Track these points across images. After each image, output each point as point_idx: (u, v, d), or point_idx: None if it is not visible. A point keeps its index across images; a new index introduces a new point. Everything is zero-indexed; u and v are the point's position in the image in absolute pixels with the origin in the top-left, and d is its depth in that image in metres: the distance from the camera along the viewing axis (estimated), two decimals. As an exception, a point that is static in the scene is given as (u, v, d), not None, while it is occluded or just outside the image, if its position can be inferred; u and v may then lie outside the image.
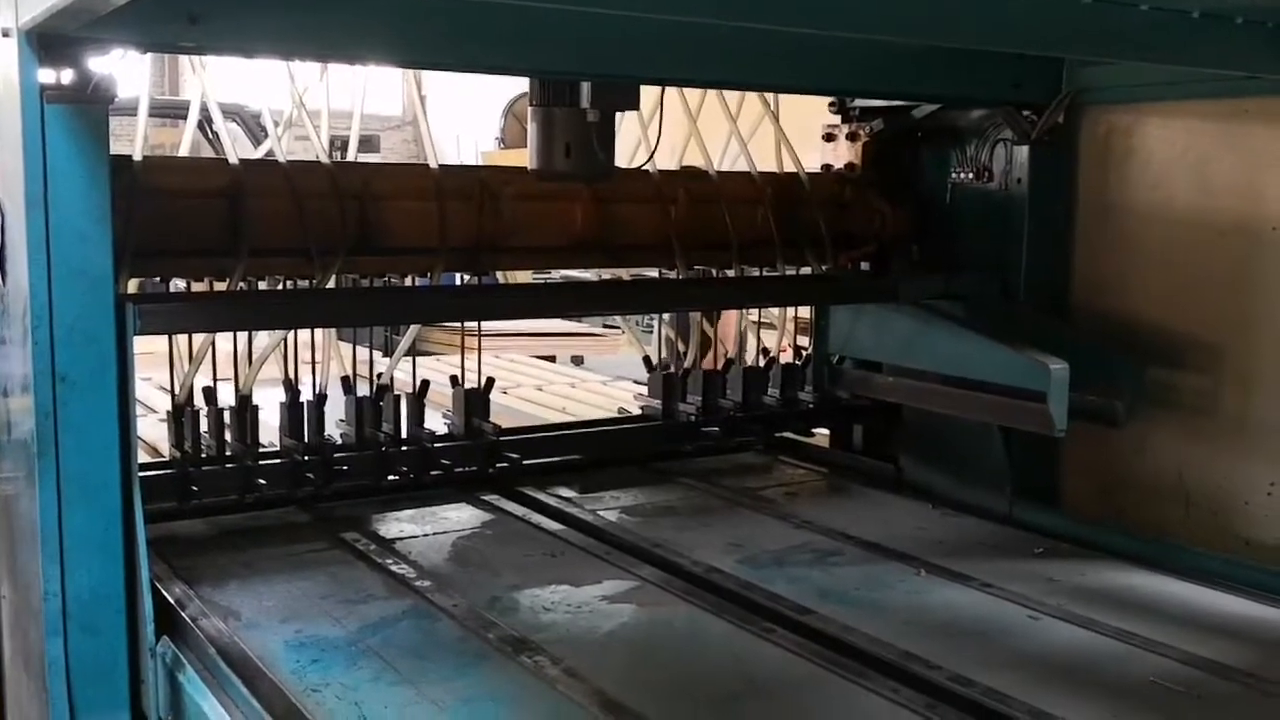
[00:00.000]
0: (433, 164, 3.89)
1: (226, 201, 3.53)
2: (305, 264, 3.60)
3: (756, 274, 4.40)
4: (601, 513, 4.08)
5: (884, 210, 4.63)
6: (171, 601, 3.09)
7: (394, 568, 3.51)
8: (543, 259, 4.68)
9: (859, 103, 4.76)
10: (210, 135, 5.68)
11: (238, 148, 3.68)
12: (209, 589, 3.30)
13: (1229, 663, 3.02)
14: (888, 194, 4.65)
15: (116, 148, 2.98)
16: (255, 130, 8.96)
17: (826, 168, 4.75)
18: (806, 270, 4.49)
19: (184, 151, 3.84)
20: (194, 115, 3.74)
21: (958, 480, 4.46)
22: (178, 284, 3.63)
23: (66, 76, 2.79)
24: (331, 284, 3.65)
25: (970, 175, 4.54)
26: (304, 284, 3.65)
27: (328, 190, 3.66)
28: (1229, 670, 2.98)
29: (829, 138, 4.81)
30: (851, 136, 4.76)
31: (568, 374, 6.30)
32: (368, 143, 17.95)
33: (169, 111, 9.27)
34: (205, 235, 3.51)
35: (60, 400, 2.84)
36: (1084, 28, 2.87)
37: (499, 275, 4.32)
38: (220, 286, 3.55)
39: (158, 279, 3.57)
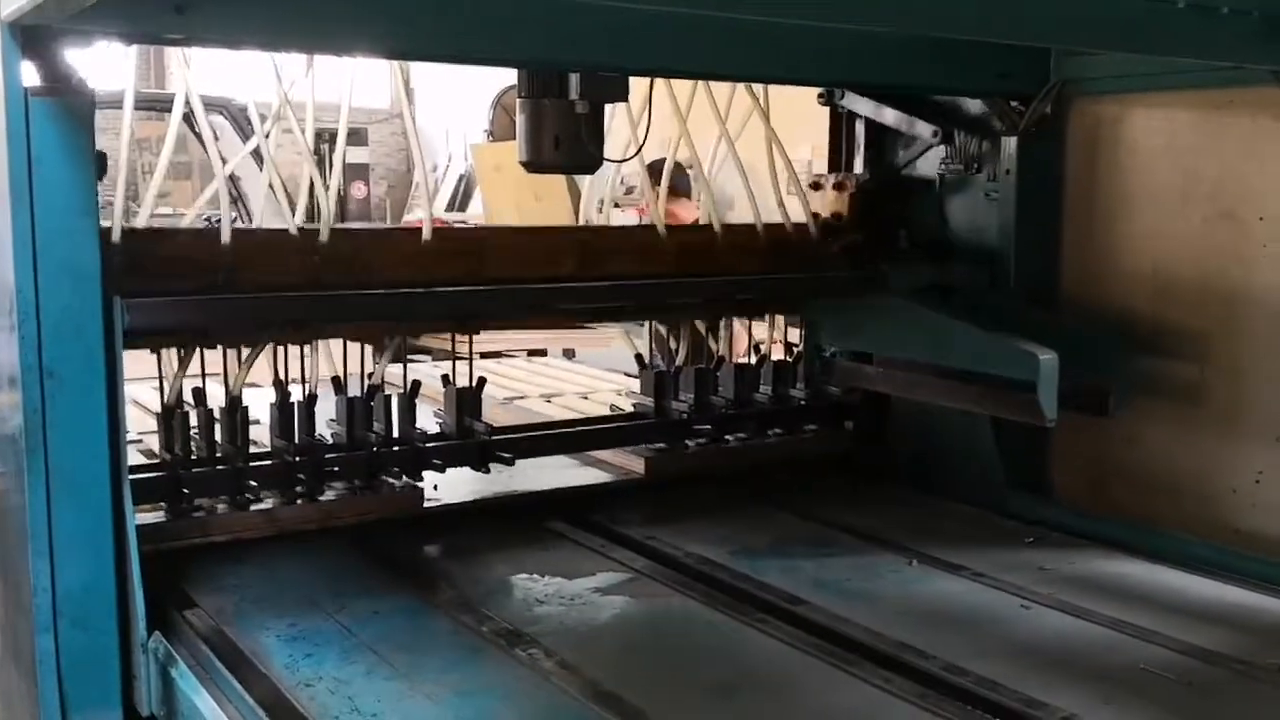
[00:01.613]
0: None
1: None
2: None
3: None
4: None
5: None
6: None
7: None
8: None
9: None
10: (196, 129, 5.66)
11: (224, 141, 3.67)
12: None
13: (1219, 650, 3.03)
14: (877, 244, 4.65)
15: (101, 141, 2.96)
16: (242, 123, 8.93)
17: (815, 216, 4.69)
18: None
19: (169, 145, 3.81)
20: (179, 108, 3.72)
21: (948, 470, 4.46)
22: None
23: (50, 70, 2.78)
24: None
25: (959, 166, 4.54)
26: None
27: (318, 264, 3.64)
28: (1219, 657, 2.99)
29: (816, 186, 4.80)
30: (838, 187, 4.77)
31: (575, 379, 6.22)
32: (355, 136, 17.93)
33: (155, 105, 9.23)
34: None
35: (48, 396, 2.83)
36: (1071, 18, 2.88)
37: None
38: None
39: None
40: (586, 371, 5.84)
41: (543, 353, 9.94)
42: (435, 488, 4.03)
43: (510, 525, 3.98)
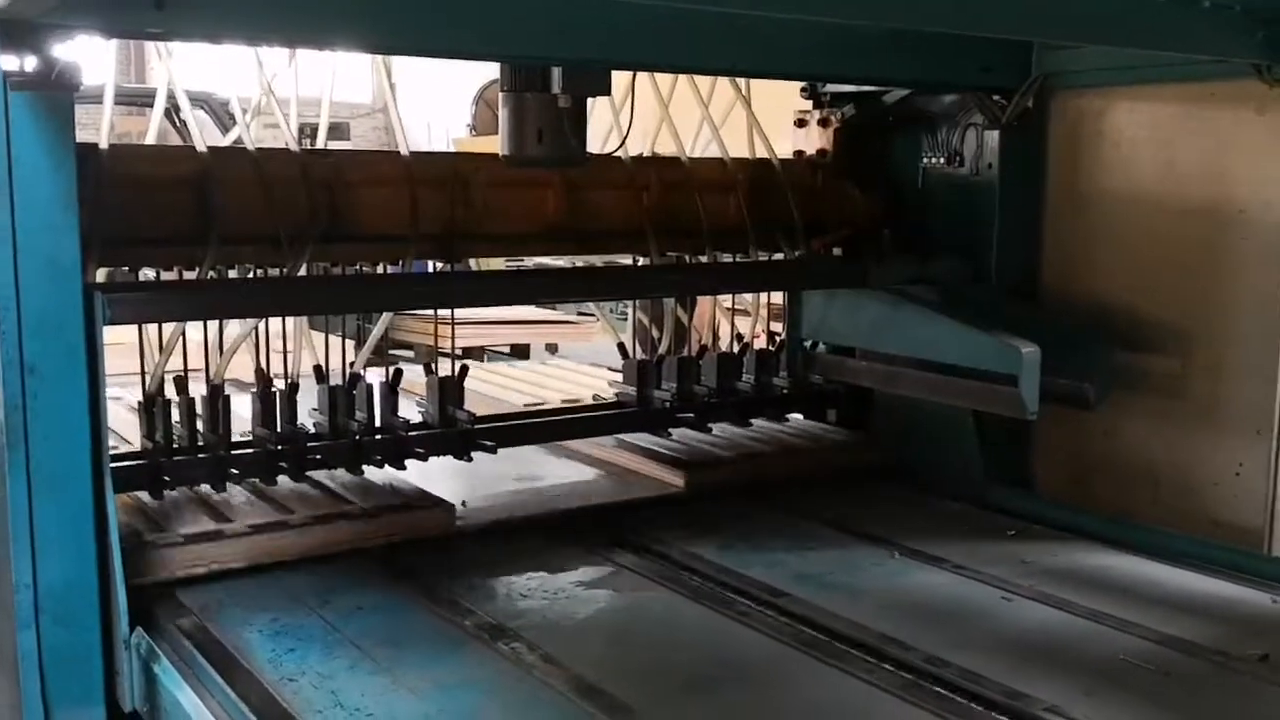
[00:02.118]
0: (404, 151, 3.87)
1: (195, 190, 3.51)
2: (275, 252, 3.58)
3: (729, 260, 4.40)
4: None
5: (855, 196, 4.64)
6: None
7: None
8: (515, 246, 4.65)
9: (830, 88, 4.77)
10: (178, 123, 5.65)
11: (206, 136, 3.66)
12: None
13: (1198, 641, 3.04)
14: (859, 180, 4.66)
15: (82, 137, 2.96)
16: (224, 118, 8.90)
17: (799, 154, 4.75)
18: (779, 256, 4.49)
19: (151, 140, 3.81)
20: (161, 103, 3.71)
21: (930, 464, 4.47)
22: (147, 274, 3.60)
23: (30, 63, 2.77)
24: (302, 272, 3.63)
25: (941, 160, 4.55)
26: (274, 273, 3.63)
27: (297, 177, 3.64)
28: (1198, 648, 3.01)
29: (800, 123, 4.82)
30: (823, 122, 4.77)
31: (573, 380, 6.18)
32: (337, 130, 17.77)
33: (135, 99, 9.20)
34: (174, 224, 3.48)
35: (29, 392, 2.82)
36: (1052, 11, 2.89)
37: (471, 263, 4.31)
38: (190, 276, 3.52)
39: (126, 269, 3.55)
40: (576, 368, 5.74)
41: (525, 349, 9.94)
42: (464, 504, 3.92)
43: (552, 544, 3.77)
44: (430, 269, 4.13)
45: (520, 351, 9.92)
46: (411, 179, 3.82)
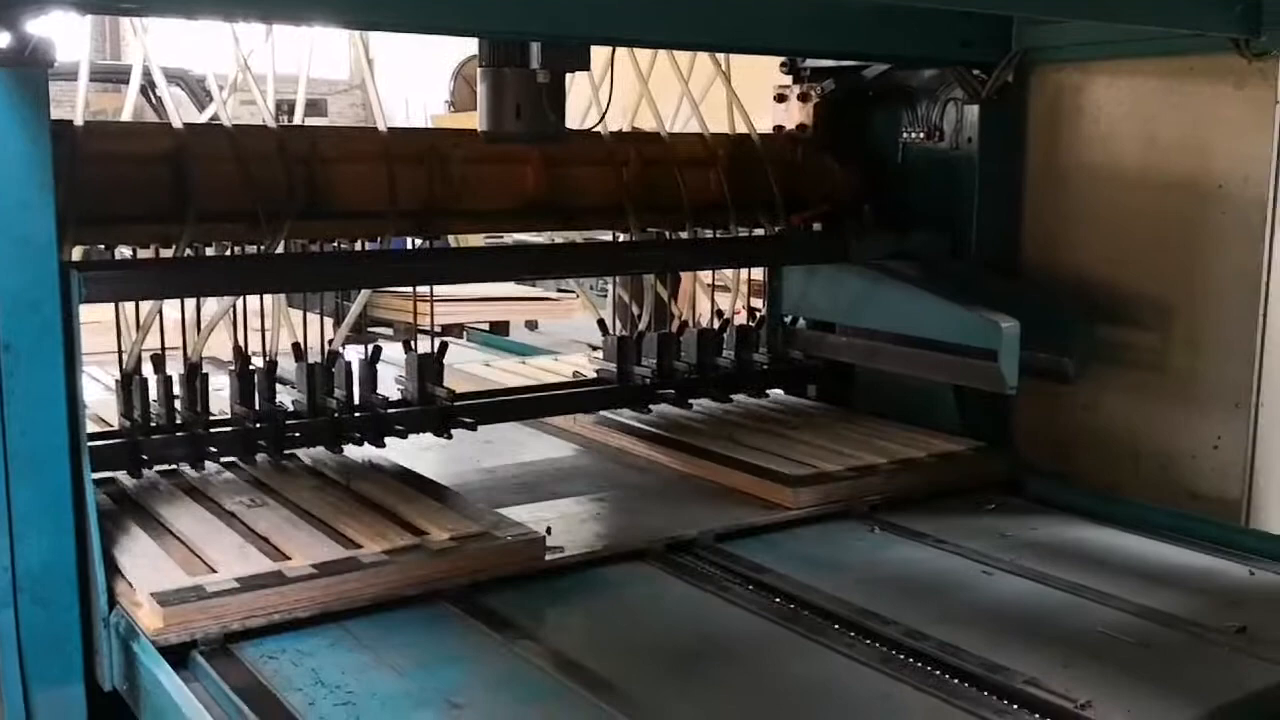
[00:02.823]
0: (381, 127, 3.85)
1: (171, 166, 3.49)
2: (253, 229, 3.56)
3: (709, 236, 4.40)
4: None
5: (835, 171, 4.64)
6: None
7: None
8: (494, 222, 4.65)
9: (810, 63, 4.76)
10: (153, 100, 5.61)
11: (182, 112, 3.63)
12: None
13: (1176, 613, 3.06)
14: (839, 154, 4.66)
15: (57, 114, 2.93)
16: (200, 95, 8.85)
17: (778, 128, 4.75)
18: (759, 232, 4.49)
19: (126, 117, 3.78)
20: (136, 79, 3.68)
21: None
22: (123, 252, 3.58)
23: (4, 40, 2.74)
24: (280, 249, 3.62)
25: (921, 135, 4.55)
26: (252, 250, 3.62)
27: (274, 153, 3.62)
28: (1176, 620, 3.03)
29: (780, 98, 4.81)
30: (803, 97, 4.76)
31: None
32: (315, 107, 17.69)
33: (111, 76, 9.14)
34: (150, 201, 3.46)
35: (5, 370, 2.80)
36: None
37: (450, 239, 4.29)
38: (166, 254, 3.50)
39: (103, 247, 3.53)
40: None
41: (505, 325, 9.92)
42: (549, 531, 3.45)
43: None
44: (409, 246, 4.11)
45: (500, 328, 9.90)
46: (389, 155, 3.81)
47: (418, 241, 4.03)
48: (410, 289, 4.22)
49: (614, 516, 3.80)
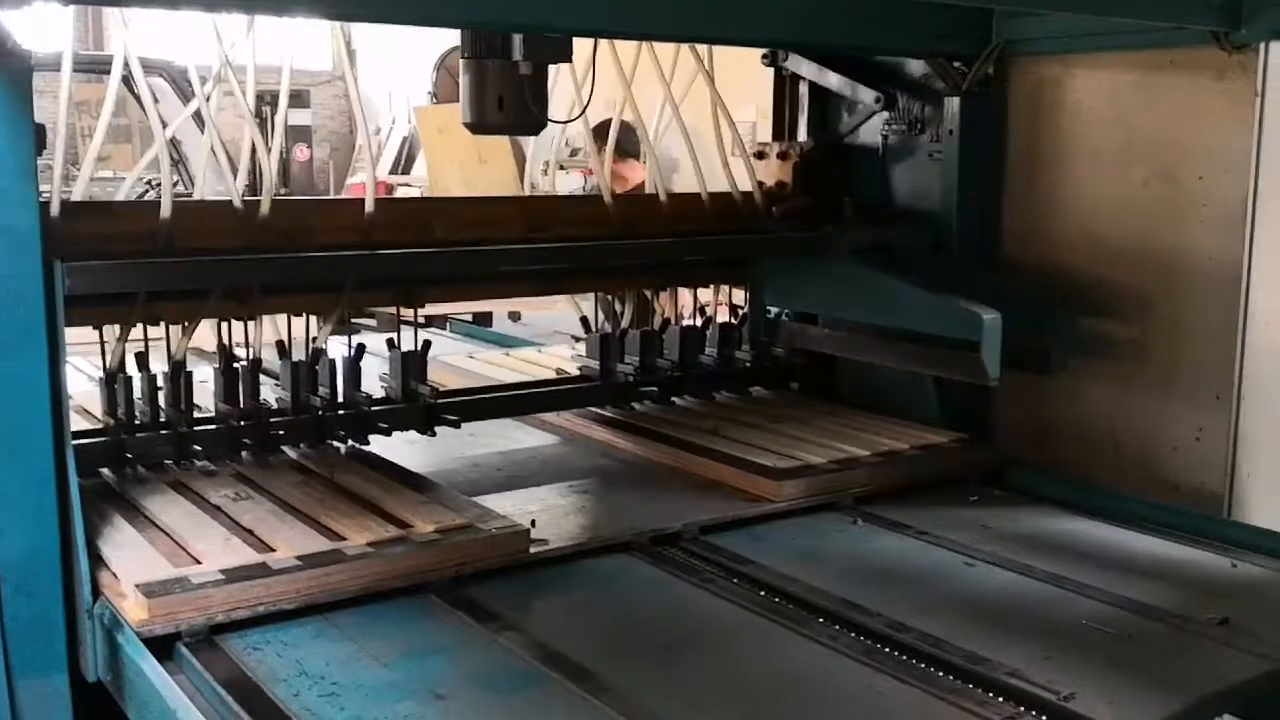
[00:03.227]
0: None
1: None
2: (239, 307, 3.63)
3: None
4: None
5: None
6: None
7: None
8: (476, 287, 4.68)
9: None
10: (135, 91, 5.58)
11: (165, 104, 3.62)
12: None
13: (1159, 605, 3.08)
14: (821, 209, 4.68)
15: (39, 103, 2.92)
16: (183, 86, 8.81)
17: (760, 185, 4.71)
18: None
19: (108, 108, 3.76)
20: (118, 70, 3.67)
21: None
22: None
23: (-14, 30, 2.73)
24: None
25: (903, 127, 4.56)
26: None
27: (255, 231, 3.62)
28: (1159, 611, 3.04)
29: (760, 155, 4.83)
30: (782, 156, 4.79)
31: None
32: (298, 98, 17.73)
33: (93, 67, 9.10)
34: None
35: (-12, 361, 2.79)
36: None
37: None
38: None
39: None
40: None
41: (488, 316, 9.89)
42: (534, 524, 3.44)
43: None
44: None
45: (483, 319, 9.88)
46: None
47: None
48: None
49: (598, 508, 3.80)
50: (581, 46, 3.96)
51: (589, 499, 3.87)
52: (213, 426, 3.73)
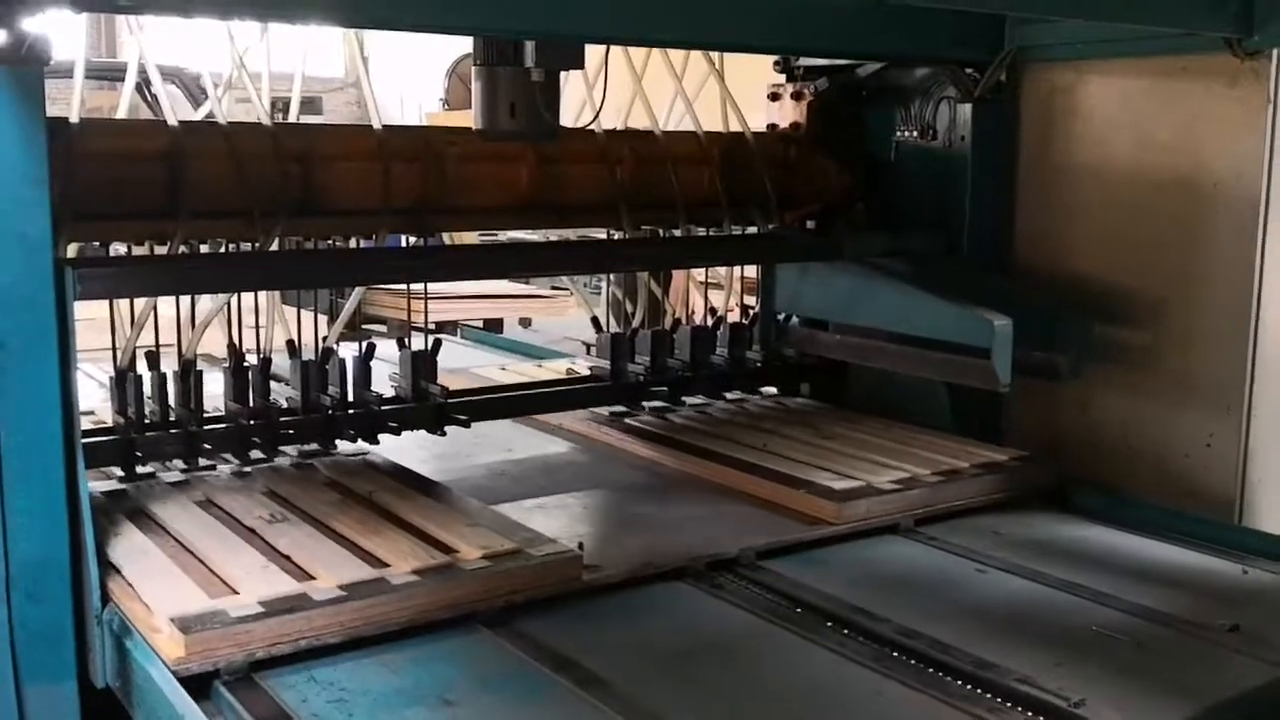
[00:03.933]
0: (376, 125, 3.86)
1: (165, 164, 3.49)
2: (247, 227, 3.56)
3: (703, 234, 4.40)
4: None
5: (829, 169, 4.65)
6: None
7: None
8: (488, 220, 4.65)
9: (803, 62, 4.77)
10: (149, 98, 5.60)
11: (177, 110, 3.63)
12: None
13: (1170, 611, 3.06)
14: (833, 152, 4.67)
15: (53, 112, 2.93)
16: (195, 92, 8.84)
17: (772, 127, 4.75)
18: (753, 229, 4.50)
19: (122, 114, 3.78)
20: (132, 77, 3.68)
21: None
22: (118, 249, 3.58)
23: (0, 38, 2.74)
24: (274, 247, 3.62)
25: (915, 133, 4.56)
26: (246, 248, 3.62)
27: (269, 152, 3.62)
28: (1170, 619, 3.03)
29: (774, 97, 4.82)
30: (796, 96, 4.77)
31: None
32: (310, 105, 17.73)
33: (106, 74, 9.13)
34: (145, 199, 3.47)
35: (-1, 367, 2.80)
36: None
37: (444, 237, 4.30)
38: (161, 250, 3.50)
39: (97, 244, 3.53)
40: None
41: (499, 323, 9.91)
42: (582, 546, 3.26)
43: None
44: (404, 244, 4.11)
45: (494, 325, 9.90)
46: (384, 153, 3.81)
47: (412, 240, 4.03)
48: (404, 286, 4.22)
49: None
50: (593, 50, 3.96)
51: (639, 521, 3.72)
52: (222, 426, 3.72)
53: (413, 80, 17.44)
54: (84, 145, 3.34)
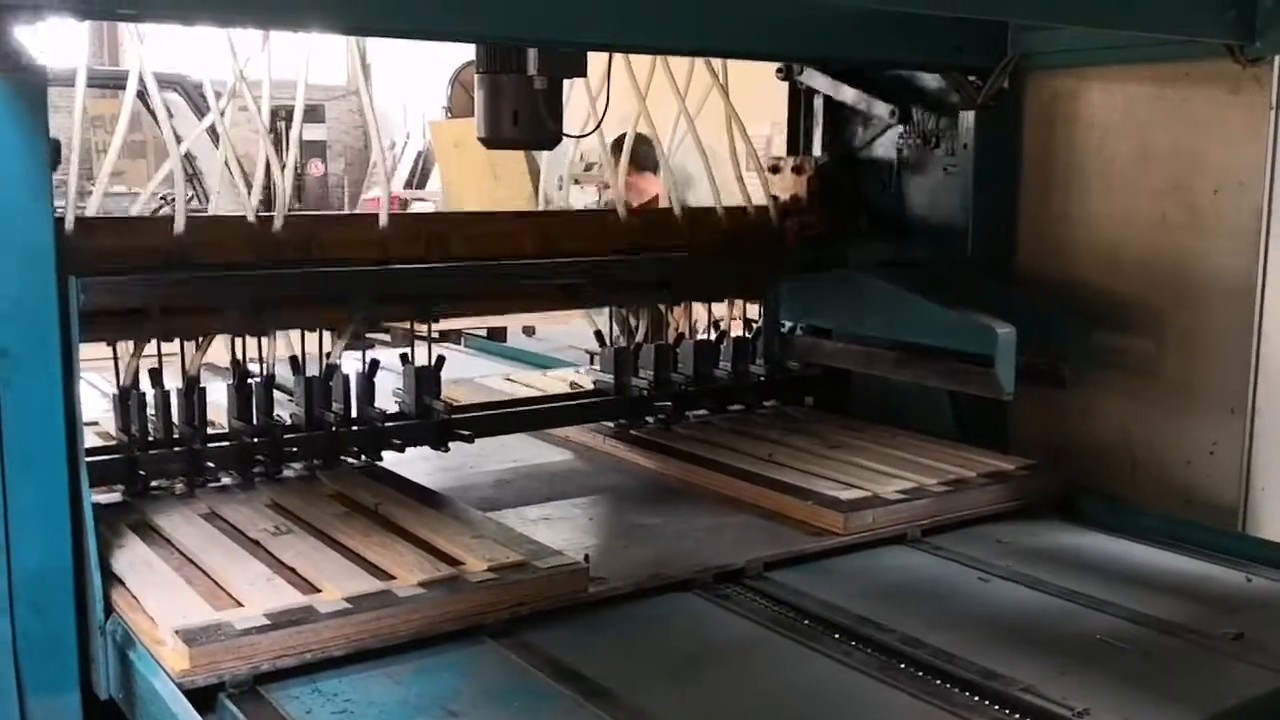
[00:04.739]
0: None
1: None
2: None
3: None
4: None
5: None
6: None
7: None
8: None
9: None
10: (150, 106, 5.60)
11: (179, 119, 3.64)
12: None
13: (1174, 620, 3.06)
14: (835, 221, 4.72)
15: (54, 119, 2.93)
16: (197, 101, 8.85)
17: (774, 199, 4.74)
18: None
19: (123, 123, 3.78)
20: (133, 86, 3.68)
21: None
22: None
23: (1, 47, 2.74)
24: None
25: (917, 141, 4.56)
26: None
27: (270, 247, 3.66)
28: (1174, 627, 3.02)
29: (775, 169, 4.84)
30: (797, 170, 4.80)
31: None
32: (312, 113, 17.78)
33: (108, 82, 9.14)
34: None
35: (2, 378, 2.80)
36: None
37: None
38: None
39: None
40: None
41: (503, 331, 9.90)
42: (587, 558, 3.21)
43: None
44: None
45: (497, 334, 9.89)
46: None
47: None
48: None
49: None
50: (596, 59, 3.97)
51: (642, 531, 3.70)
52: (227, 443, 3.72)
53: (416, 88, 17.47)
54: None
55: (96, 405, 4.08)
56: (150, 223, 3.77)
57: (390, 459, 3.94)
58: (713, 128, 4.48)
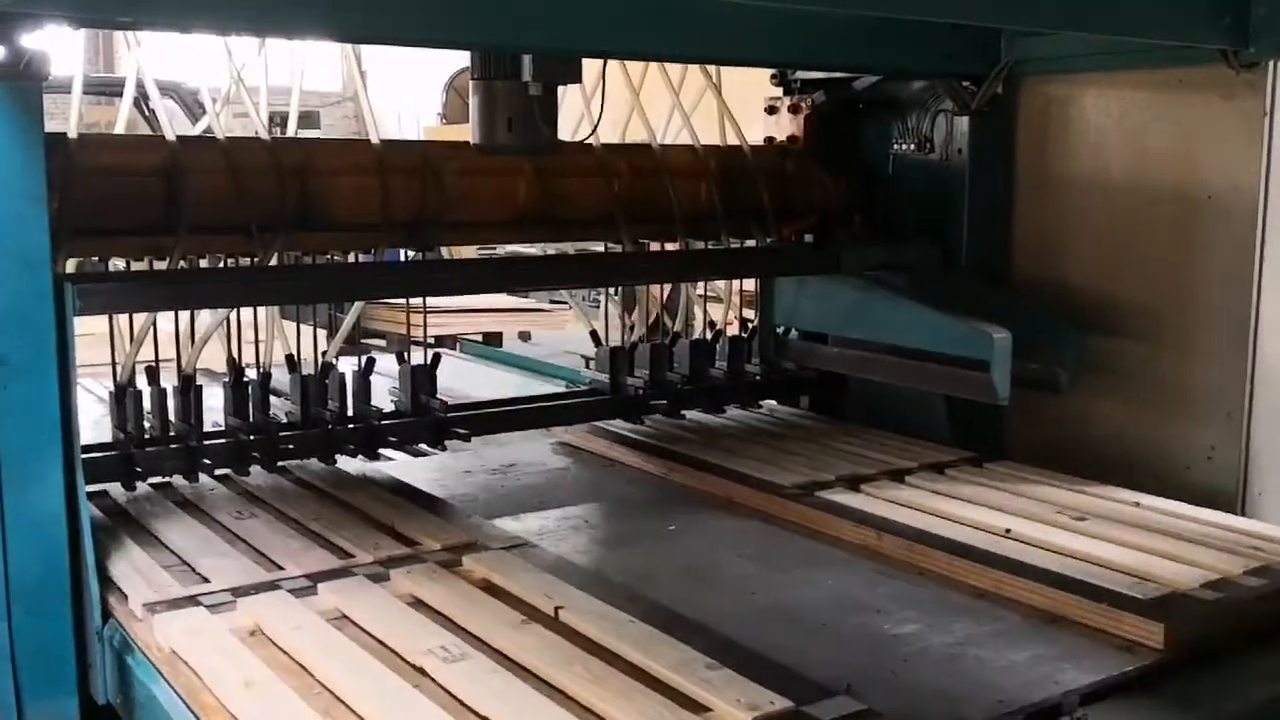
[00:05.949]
0: (374, 140, 3.86)
1: (164, 179, 3.50)
2: (246, 242, 3.57)
3: (701, 247, 4.41)
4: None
5: (826, 181, 4.65)
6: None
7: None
8: (486, 234, 4.65)
9: (800, 75, 4.78)
10: (146, 113, 5.61)
11: (175, 125, 3.64)
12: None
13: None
14: (830, 165, 4.68)
15: (51, 127, 2.93)
16: (193, 107, 8.85)
17: (769, 140, 4.76)
18: (750, 243, 4.50)
19: (120, 130, 3.78)
20: (130, 92, 3.69)
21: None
22: (117, 264, 3.58)
23: (-1, 54, 2.75)
24: (274, 262, 3.62)
25: (912, 146, 4.56)
26: (245, 262, 3.62)
27: (268, 166, 3.63)
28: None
29: (771, 110, 4.83)
30: (793, 109, 4.78)
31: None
32: (308, 119, 17.70)
33: (104, 89, 9.14)
34: (143, 214, 3.48)
35: (-1, 383, 2.80)
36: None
37: (443, 250, 4.30)
38: (160, 265, 3.50)
39: (96, 259, 3.53)
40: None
41: (498, 336, 9.90)
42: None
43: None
44: (403, 258, 4.11)
45: (493, 339, 9.90)
46: (382, 167, 3.81)
47: (410, 254, 4.04)
48: (403, 301, 4.22)
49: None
50: (591, 64, 3.97)
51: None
52: (222, 440, 3.73)
53: (410, 94, 17.46)
54: (82, 160, 3.34)
55: (92, 410, 4.08)
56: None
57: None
58: (712, 128, 4.49)
